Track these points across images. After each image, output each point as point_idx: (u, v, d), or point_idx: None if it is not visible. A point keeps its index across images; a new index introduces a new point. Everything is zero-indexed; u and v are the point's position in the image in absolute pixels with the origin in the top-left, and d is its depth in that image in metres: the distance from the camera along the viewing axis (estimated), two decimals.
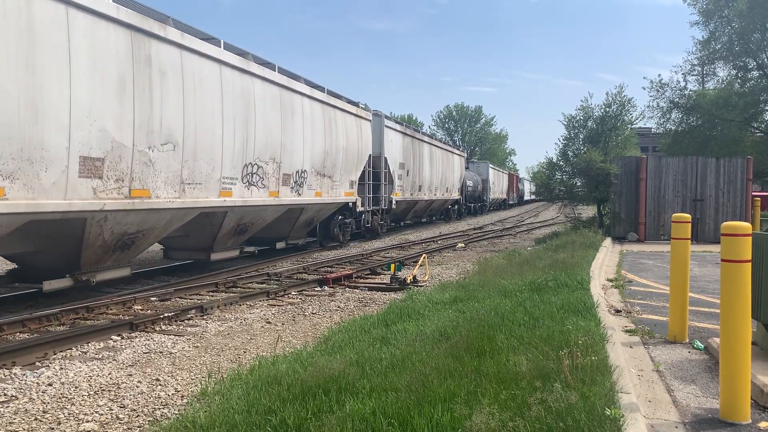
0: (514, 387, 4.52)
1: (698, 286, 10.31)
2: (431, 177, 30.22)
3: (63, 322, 8.55)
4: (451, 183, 35.20)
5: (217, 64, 11.89)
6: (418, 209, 29.86)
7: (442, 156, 33.00)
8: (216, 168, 11.93)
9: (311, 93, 16.36)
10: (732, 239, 4.47)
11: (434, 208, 33.70)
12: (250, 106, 13.14)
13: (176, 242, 13.40)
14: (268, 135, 13.91)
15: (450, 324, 6.86)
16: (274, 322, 8.87)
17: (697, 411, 4.69)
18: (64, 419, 5.04)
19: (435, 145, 31.67)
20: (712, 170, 20.15)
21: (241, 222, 13.73)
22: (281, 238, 16.90)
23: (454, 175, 36.06)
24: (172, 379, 6.12)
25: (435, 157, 31.07)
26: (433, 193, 30.92)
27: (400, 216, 28.48)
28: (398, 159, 24.72)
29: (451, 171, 35.19)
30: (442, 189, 33.07)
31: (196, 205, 11.39)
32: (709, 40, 36.09)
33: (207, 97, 11.58)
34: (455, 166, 36.63)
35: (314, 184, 16.48)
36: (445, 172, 33.64)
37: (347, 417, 4.08)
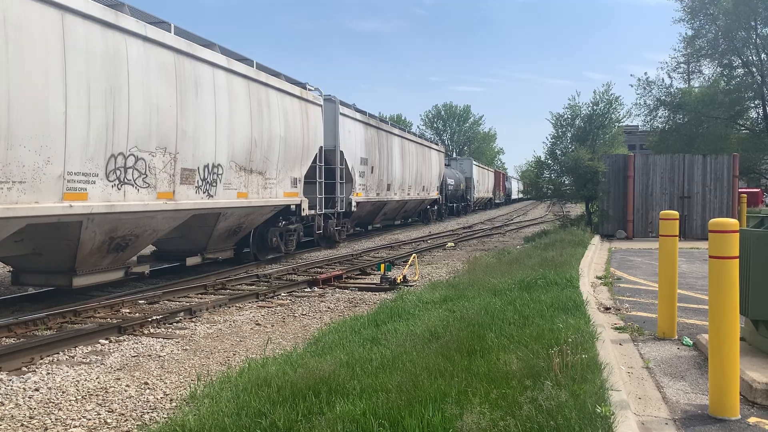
0: (505, 386, 4.51)
1: (686, 283, 10.38)
2: (403, 174, 26.81)
3: (50, 326, 8.46)
4: (428, 181, 31.79)
5: (54, 9, 8.29)
6: (389, 211, 26.50)
7: (417, 151, 29.57)
8: (54, 159, 8.31)
9: (230, 65, 12.54)
10: (719, 236, 4.49)
11: (409, 209, 30.38)
12: (121, 75, 9.47)
13: (27, 262, 9.78)
14: (154, 116, 10.21)
15: (440, 323, 6.85)
16: (263, 324, 8.83)
17: (686, 407, 4.71)
18: (51, 425, 4.98)
19: (408, 139, 28.02)
20: (699, 167, 20.30)
21: (115, 235, 10.00)
22: (197, 251, 13.16)
23: (431, 172, 32.60)
24: (161, 383, 6.06)
25: (408, 152, 27.60)
26: (407, 192, 27.53)
27: (366, 219, 25.03)
28: (359, 153, 21.17)
29: (428, 168, 31.65)
30: (418, 188, 29.65)
31: (8, 214, 7.69)
32: (694, 37, 36.38)
33: (33, 56, 7.98)
34: (433, 162, 33.17)
35: (235, 182, 12.82)
36: (421, 169, 30.10)
37: (338, 418, 4.06)
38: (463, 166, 48.51)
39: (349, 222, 21.40)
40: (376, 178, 23.12)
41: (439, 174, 34.92)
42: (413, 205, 30.10)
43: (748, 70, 35.42)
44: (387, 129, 24.98)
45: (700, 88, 37.02)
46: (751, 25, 34.23)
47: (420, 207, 32.14)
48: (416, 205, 30.76)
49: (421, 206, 32.19)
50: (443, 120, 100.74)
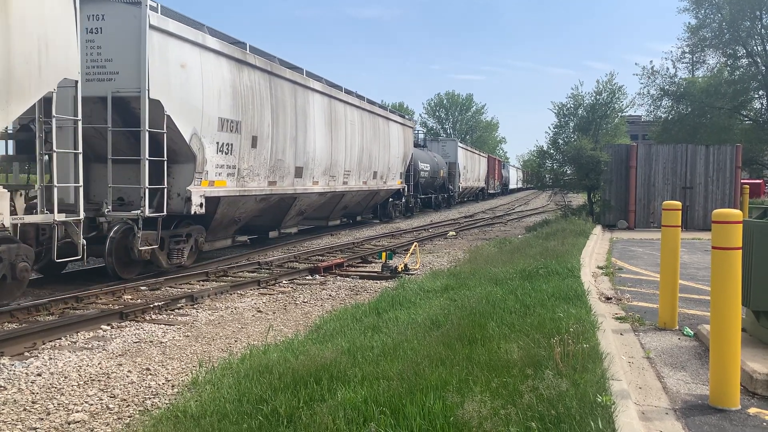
0: (506, 375, 4.53)
1: (688, 273, 10.37)
2: (334, 154, 18.24)
3: (52, 311, 8.48)
4: (384, 165, 23.35)
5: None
6: (306, 208, 17.65)
7: (364, 121, 20.99)
8: None
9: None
10: (723, 226, 4.47)
11: (352, 204, 21.99)
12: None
13: None
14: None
15: (441, 312, 6.86)
16: (265, 311, 8.85)
17: (687, 397, 4.72)
18: (54, 409, 5.00)
19: (344, 101, 19.10)
20: (702, 158, 20.23)
21: None
22: None
23: (390, 153, 24.12)
24: (163, 369, 6.09)
25: (344, 121, 19.04)
26: (341, 180, 19.06)
27: (259, 223, 15.85)
28: (213, 111, 12.05)
29: (383, 147, 23.14)
30: (365, 174, 21.29)
31: None
32: (699, 27, 36.17)
33: None
34: (393, 139, 24.51)
35: None
36: (371, 147, 21.62)
37: (339, 405, 4.07)
38: (446, 149, 40.14)
39: (198, 234, 12.48)
40: (262, 156, 13.99)
41: (404, 156, 26.53)
42: (360, 198, 21.96)
43: (752, 60, 35.26)
44: (296, 79, 15.62)
45: (704, 78, 36.85)
46: (756, 15, 34.03)
47: (372, 201, 24.08)
48: (366, 198, 22.76)
49: (374, 200, 24.05)
50: (445, 109, 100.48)
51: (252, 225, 15.54)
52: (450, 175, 38.70)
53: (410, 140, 27.85)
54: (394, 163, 24.99)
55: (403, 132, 26.23)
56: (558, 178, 23.51)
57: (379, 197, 24.54)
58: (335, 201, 19.89)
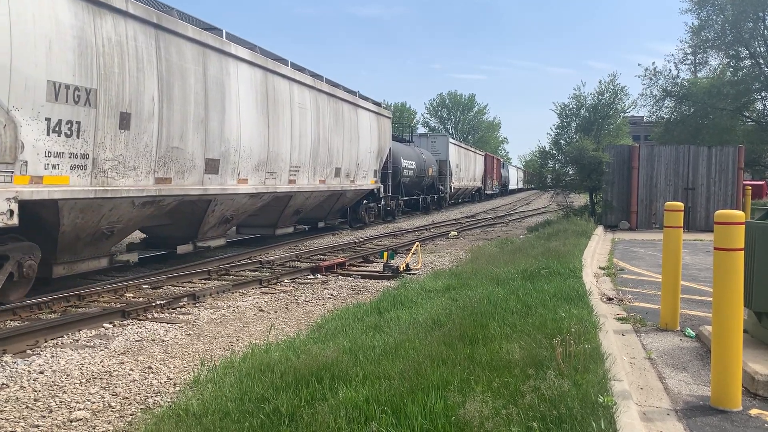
0: (507, 375, 4.53)
1: (690, 274, 10.37)
2: (273, 143, 14.37)
3: (54, 309, 8.50)
4: (351, 161, 19.57)
5: None
6: (230, 214, 13.60)
7: (321, 106, 17.08)
8: None
9: None
10: (725, 227, 4.47)
11: (306, 209, 17.85)
12: None
13: None
14: None
15: (443, 312, 6.86)
16: (266, 310, 8.86)
17: (688, 398, 4.72)
18: (56, 407, 5.01)
19: (291, 79, 15.24)
20: (704, 159, 20.21)
21: None
22: None
23: (360, 146, 20.24)
24: (165, 367, 6.10)
25: (288, 103, 15.07)
26: (284, 178, 15.06)
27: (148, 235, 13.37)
28: (37, 69, 7.97)
29: (350, 139, 19.41)
30: (323, 171, 17.49)
31: None
32: (701, 28, 36.14)
33: None
34: (365, 131, 20.71)
35: None
36: (332, 138, 17.86)
37: (340, 405, 4.08)
38: (436, 145, 36.78)
39: (26, 255, 8.63)
40: (150, 144, 10.22)
41: (380, 151, 22.41)
42: (317, 200, 17.98)
43: (755, 61, 35.22)
44: (205, 41, 11.59)
45: (707, 79, 36.82)
46: (759, 16, 34.00)
47: (338, 204, 20.14)
48: (326, 200, 18.82)
49: (339, 202, 20.05)
50: (447, 109, 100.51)
51: (156, 236, 12.86)
52: (440, 174, 35.30)
53: (387, 132, 23.41)
54: (366, 158, 20.95)
55: (377, 122, 21.97)
56: (560, 178, 23.51)
57: (346, 199, 20.42)
58: (280, 204, 15.78)
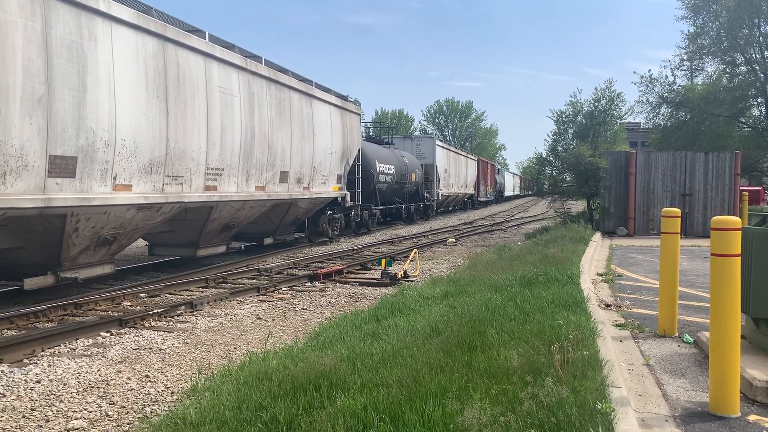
0: (506, 382, 4.52)
1: (687, 280, 10.37)
2: (175, 137, 10.83)
3: (51, 318, 8.48)
4: (304, 163, 16.12)
5: None
6: (108, 234, 10.05)
7: (256, 93, 13.63)
8: None
9: None
10: (722, 233, 4.48)
11: (240, 222, 14.21)
12: None
13: None
14: None
15: (441, 319, 6.86)
16: (264, 318, 8.84)
17: (687, 404, 4.72)
18: (53, 416, 4.99)
19: (207, 55, 11.84)
20: (701, 165, 20.27)
21: None
22: None
23: (316, 145, 16.79)
24: (162, 376, 6.08)
25: (203, 86, 11.67)
26: (196, 183, 11.59)
27: None
28: None
29: (302, 136, 15.88)
30: (262, 175, 14.02)
31: None
32: (697, 34, 36.31)
33: None
34: (324, 127, 17.39)
35: None
36: (274, 134, 14.38)
37: (338, 413, 4.07)
38: (422, 148, 33.94)
39: None
40: None
41: (345, 151, 19.02)
42: (255, 210, 14.38)
43: (751, 67, 35.37)
44: None
45: (703, 85, 36.97)
46: (754, 22, 34.16)
47: (289, 215, 16.50)
48: (270, 210, 15.33)
49: (290, 213, 16.48)
50: (445, 116, 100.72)
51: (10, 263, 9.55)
52: (426, 179, 32.64)
53: (355, 131, 20.10)
54: (326, 161, 17.58)
55: (341, 118, 18.63)
56: (557, 185, 23.55)
57: (299, 210, 16.81)
58: (198, 217, 12.47)
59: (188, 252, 13.18)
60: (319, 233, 19.17)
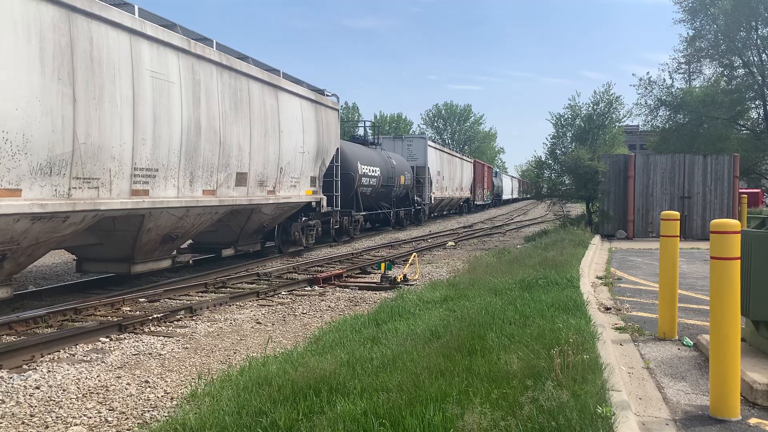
0: (506, 386, 4.52)
1: (687, 283, 10.38)
2: (86, 130, 8.70)
3: (50, 323, 8.46)
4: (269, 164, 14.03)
5: None
6: None
7: (203, 80, 11.46)
8: None
9: None
10: (721, 236, 4.49)
11: (187, 232, 12.23)
12: None
13: None
14: None
15: (441, 323, 6.86)
16: (264, 323, 8.83)
17: (687, 408, 4.71)
18: (52, 423, 4.98)
19: (131, 31, 9.51)
20: (700, 168, 20.30)
21: None
22: None
23: (283, 144, 14.57)
24: (162, 381, 6.07)
25: (128, 68, 9.47)
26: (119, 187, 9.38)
27: None
28: None
29: (266, 133, 13.80)
30: (213, 177, 11.89)
31: None
32: (695, 38, 36.40)
33: None
34: (294, 123, 15.19)
35: None
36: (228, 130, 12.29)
37: (338, 418, 4.06)
38: (412, 149, 32.14)
39: None
40: None
41: (320, 151, 16.92)
42: (204, 219, 12.26)
43: (748, 70, 35.43)
44: None
45: (701, 88, 37.05)
46: (751, 25, 34.24)
47: (251, 223, 14.41)
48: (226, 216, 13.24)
49: (252, 221, 14.36)
50: (443, 119, 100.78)
51: None
52: (418, 182, 30.71)
53: (333, 128, 17.97)
54: (296, 161, 15.34)
55: (315, 114, 16.44)
56: (555, 188, 23.57)
57: (264, 217, 14.66)
58: (130, 228, 10.53)
59: (121, 268, 11.18)
60: (291, 242, 16.88)
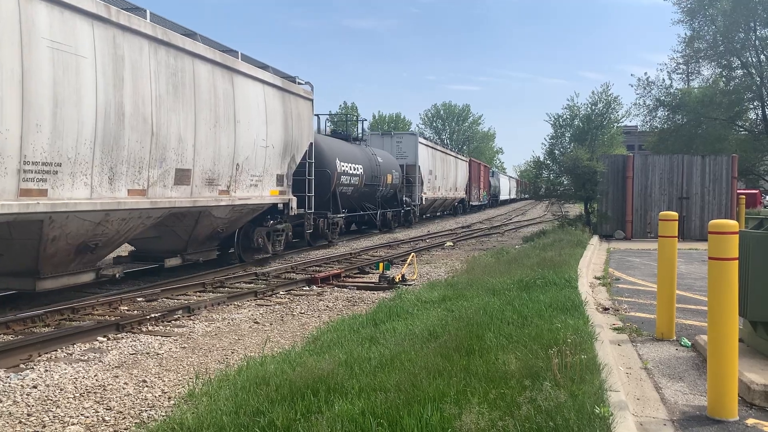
0: (504, 386, 4.52)
1: (685, 284, 10.38)
2: None
3: (48, 323, 8.45)
4: (221, 159, 11.85)
5: None
6: None
7: (132, 55, 9.35)
8: None
9: None
10: (719, 237, 4.49)
11: (107, 239, 9.79)
12: None
13: None
14: None
15: (439, 323, 6.85)
16: (262, 322, 8.82)
17: (685, 408, 4.71)
18: (49, 422, 4.97)
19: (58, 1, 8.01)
20: (698, 168, 20.32)
21: None
22: None
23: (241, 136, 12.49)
24: (159, 381, 6.06)
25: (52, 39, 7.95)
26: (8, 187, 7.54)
27: None
28: None
29: (219, 123, 11.72)
30: (142, 175, 9.68)
31: None
32: (693, 38, 36.44)
33: None
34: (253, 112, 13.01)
35: None
36: (167, 118, 10.14)
37: (336, 418, 4.06)
38: (402, 146, 30.17)
39: None
40: None
41: (289, 145, 14.66)
42: (140, 224, 10.32)
43: (747, 71, 35.48)
44: None
45: (700, 88, 37.12)
46: (750, 26, 34.31)
47: (201, 228, 12.31)
48: (170, 222, 11.51)
49: (200, 226, 12.25)
50: (442, 119, 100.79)
51: None
52: (407, 182, 29.03)
53: (305, 121, 15.75)
54: (256, 156, 13.23)
55: (282, 103, 14.31)
56: (554, 188, 23.59)
57: (216, 221, 12.47)
58: (29, 237, 8.59)
59: (26, 284, 9.20)
60: (254, 249, 14.53)
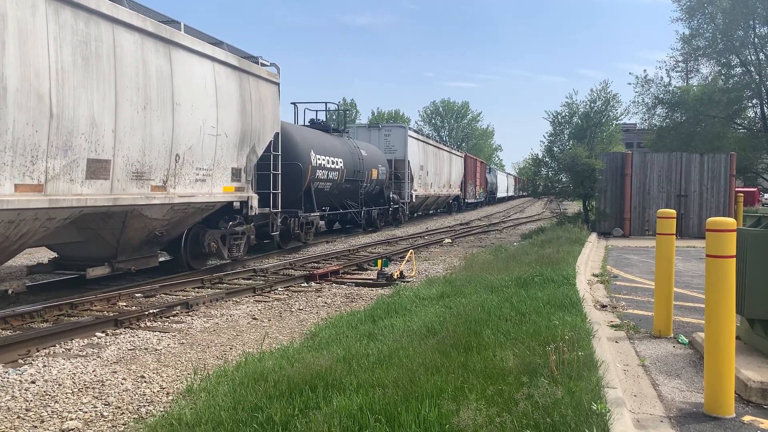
0: (501, 382, 4.53)
1: (683, 281, 10.40)
2: None
3: (46, 318, 8.45)
4: (154, 149, 9.97)
5: None
6: None
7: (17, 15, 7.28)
8: None
9: None
10: (717, 235, 4.50)
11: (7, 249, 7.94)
12: None
13: None
14: None
15: (437, 319, 6.86)
16: (260, 318, 8.83)
17: (682, 405, 4.73)
18: (48, 417, 4.98)
19: None
20: (696, 166, 20.33)
21: None
22: None
23: (182, 122, 10.59)
24: (158, 376, 6.07)
25: None
26: None
27: None
28: None
29: (143, 105, 9.63)
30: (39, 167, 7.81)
31: None
32: (692, 36, 36.42)
33: None
34: (198, 93, 11.10)
35: None
36: (75, 96, 8.31)
37: (334, 413, 4.07)
38: (391, 139, 27.93)
39: None
40: None
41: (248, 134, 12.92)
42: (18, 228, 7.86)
43: (746, 69, 35.48)
44: None
45: (699, 86, 37.10)
46: (749, 24, 34.30)
47: (132, 232, 10.34)
48: (81, 224, 9.49)
49: (130, 230, 10.22)
50: (441, 116, 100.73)
51: None
52: (396, 177, 27.08)
53: (269, 106, 13.84)
54: (203, 146, 11.44)
55: (238, 85, 12.51)
56: (552, 185, 23.58)
57: (152, 222, 10.63)
58: None
59: None
60: (204, 255, 12.88)
